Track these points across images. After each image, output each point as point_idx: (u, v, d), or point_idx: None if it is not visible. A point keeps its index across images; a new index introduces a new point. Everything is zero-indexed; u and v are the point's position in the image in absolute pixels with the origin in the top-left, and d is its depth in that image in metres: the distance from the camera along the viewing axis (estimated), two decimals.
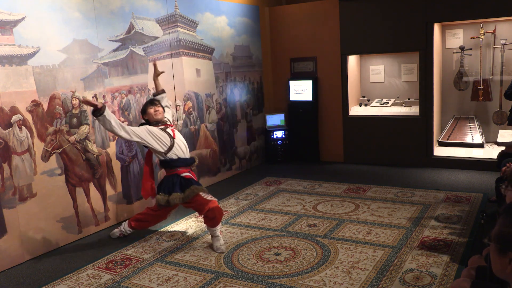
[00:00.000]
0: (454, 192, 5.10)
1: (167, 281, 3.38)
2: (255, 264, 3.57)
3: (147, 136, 3.88)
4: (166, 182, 3.96)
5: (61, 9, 4.10)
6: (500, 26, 6.31)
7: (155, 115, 4.01)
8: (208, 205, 3.88)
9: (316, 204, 4.96)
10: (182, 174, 3.94)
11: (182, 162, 3.99)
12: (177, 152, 3.97)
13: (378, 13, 6.32)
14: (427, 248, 3.66)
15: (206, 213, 3.89)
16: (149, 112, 4.02)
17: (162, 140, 3.92)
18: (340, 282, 3.21)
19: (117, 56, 4.66)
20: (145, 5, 4.97)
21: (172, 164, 3.96)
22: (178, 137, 4.06)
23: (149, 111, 4.02)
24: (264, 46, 7.11)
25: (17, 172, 3.78)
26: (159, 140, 3.91)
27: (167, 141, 3.94)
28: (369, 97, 7.15)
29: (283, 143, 7.07)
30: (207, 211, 3.87)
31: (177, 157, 3.97)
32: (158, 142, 3.91)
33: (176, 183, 3.90)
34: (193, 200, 3.91)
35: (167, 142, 3.94)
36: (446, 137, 6.55)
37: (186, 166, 4.01)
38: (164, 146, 3.92)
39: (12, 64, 3.73)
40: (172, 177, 3.94)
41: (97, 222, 4.48)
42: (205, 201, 3.90)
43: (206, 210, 3.87)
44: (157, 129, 3.97)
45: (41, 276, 3.59)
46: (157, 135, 3.91)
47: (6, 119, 3.70)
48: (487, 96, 6.49)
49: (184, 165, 3.99)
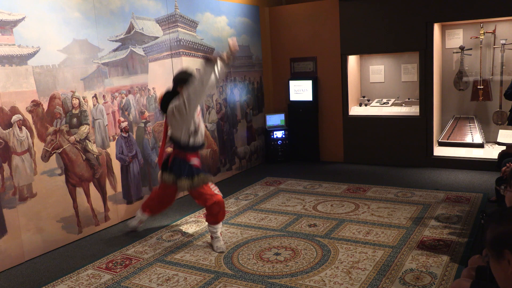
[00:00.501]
0: (454, 192, 5.10)
1: (167, 281, 3.38)
2: (255, 264, 3.57)
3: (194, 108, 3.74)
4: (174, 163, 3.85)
5: (61, 9, 4.10)
6: (500, 26, 6.31)
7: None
8: (214, 197, 3.82)
9: (316, 204, 4.96)
10: (190, 161, 3.85)
11: (193, 148, 3.88)
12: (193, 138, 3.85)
13: (378, 13, 6.32)
14: (427, 248, 3.66)
15: (211, 205, 3.81)
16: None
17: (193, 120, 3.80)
18: (340, 282, 3.21)
19: (117, 56, 4.66)
20: (145, 5, 4.97)
21: (184, 147, 3.83)
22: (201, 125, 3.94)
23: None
24: (264, 46, 7.11)
25: (17, 172, 3.78)
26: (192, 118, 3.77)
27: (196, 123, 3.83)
28: (369, 97, 7.16)
29: (283, 143, 7.07)
30: (213, 204, 3.81)
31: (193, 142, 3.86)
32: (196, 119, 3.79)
33: (184, 169, 3.80)
34: (200, 189, 3.82)
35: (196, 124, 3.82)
36: (446, 137, 6.55)
37: (195, 152, 3.92)
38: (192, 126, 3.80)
39: (12, 64, 3.73)
40: (180, 161, 3.83)
41: (97, 222, 4.48)
42: (212, 192, 3.84)
43: (212, 202, 3.80)
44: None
45: (41, 276, 3.59)
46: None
47: (6, 119, 3.70)
48: (487, 96, 6.49)
49: (194, 151, 3.90)
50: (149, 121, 5.05)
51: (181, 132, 3.80)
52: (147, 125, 5.02)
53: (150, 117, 5.06)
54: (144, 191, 5.00)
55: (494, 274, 1.51)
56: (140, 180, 4.95)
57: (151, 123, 5.07)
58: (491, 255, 1.50)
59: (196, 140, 3.87)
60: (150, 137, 5.06)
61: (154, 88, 5.08)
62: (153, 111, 5.10)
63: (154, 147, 5.11)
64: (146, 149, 5.02)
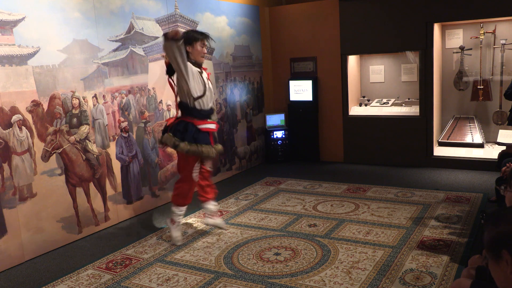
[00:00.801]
0: (454, 192, 5.10)
1: (167, 281, 3.38)
2: (255, 264, 3.57)
3: (191, 74, 3.59)
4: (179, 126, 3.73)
5: (61, 9, 4.10)
6: (500, 26, 6.31)
7: (201, 55, 3.64)
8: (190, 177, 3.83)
9: (316, 204, 4.96)
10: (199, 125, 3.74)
11: (202, 114, 3.75)
12: (202, 104, 3.71)
13: (378, 13, 6.32)
14: (427, 248, 3.66)
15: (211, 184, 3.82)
16: (196, 48, 3.63)
17: (199, 85, 3.67)
18: (340, 282, 3.21)
19: (117, 56, 4.66)
20: (145, 5, 4.97)
21: (192, 112, 3.72)
22: (209, 87, 3.77)
23: (197, 48, 3.63)
24: (264, 46, 7.11)
25: (17, 172, 3.78)
26: (196, 83, 3.64)
27: (200, 88, 3.69)
28: (369, 97, 7.16)
29: (283, 143, 7.07)
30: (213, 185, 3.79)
31: (200, 108, 3.71)
32: (196, 84, 3.64)
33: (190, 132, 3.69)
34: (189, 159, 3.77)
35: (200, 89, 3.69)
36: (446, 137, 6.55)
37: (204, 118, 3.79)
38: (197, 92, 3.67)
39: (12, 64, 3.73)
40: (187, 124, 3.72)
41: (97, 222, 4.48)
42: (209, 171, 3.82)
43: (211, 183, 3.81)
44: (196, 71, 3.66)
45: (41, 276, 3.59)
46: (196, 78, 3.64)
47: (6, 119, 3.70)
48: (487, 96, 6.49)
49: (202, 117, 3.78)
50: (149, 121, 5.05)
51: (187, 93, 3.67)
52: (147, 125, 5.02)
53: (150, 117, 5.06)
54: (144, 191, 5.00)
55: (494, 276, 1.51)
56: (140, 180, 4.95)
57: (151, 123, 5.07)
58: (489, 257, 1.50)
59: (203, 104, 3.70)
60: (150, 137, 5.06)
61: (154, 88, 5.08)
62: (153, 111, 5.10)
63: (154, 147, 5.11)
64: (146, 149, 5.02)
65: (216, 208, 4.40)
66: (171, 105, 5.30)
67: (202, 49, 3.72)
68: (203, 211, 4.41)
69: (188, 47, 3.67)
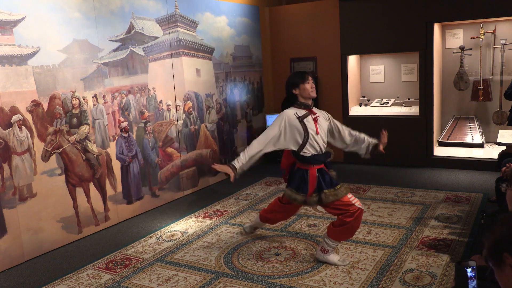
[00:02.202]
0: (454, 192, 5.10)
1: (167, 281, 3.38)
2: (255, 264, 3.57)
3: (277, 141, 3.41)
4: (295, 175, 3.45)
5: (61, 9, 4.10)
6: (500, 26, 6.31)
7: (312, 92, 3.39)
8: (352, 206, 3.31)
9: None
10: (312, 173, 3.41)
11: (316, 160, 3.41)
12: (311, 149, 3.39)
13: (378, 13, 6.32)
14: (427, 248, 3.66)
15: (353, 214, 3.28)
16: (305, 87, 3.39)
17: (295, 137, 3.40)
18: (340, 282, 3.21)
19: (117, 56, 4.66)
20: (145, 5, 4.97)
21: (304, 160, 3.40)
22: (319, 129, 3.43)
23: (305, 87, 3.38)
24: (264, 46, 7.11)
25: (17, 172, 3.78)
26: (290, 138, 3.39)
27: (299, 137, 3.38)
28: (369, 97, 7.15)
29: None
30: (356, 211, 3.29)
31: (311, 154, 3.39)
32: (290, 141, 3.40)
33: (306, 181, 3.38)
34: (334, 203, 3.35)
35: (299, 138, 3.38)
36: (446, 137, 6.55)
37: (319, 163, 3.44)
38: (295, 144, 3.40)
39: (12, 64, 3.73)
40: (303, 172, 3.41)
41: (97, 222, 4.48)
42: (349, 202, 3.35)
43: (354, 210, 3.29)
44: (294, 119, 3.40)
45: (41, 276, 3.59)
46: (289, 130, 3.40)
47: (6, 119, 3.70)
48: (487, 96, 6.49)
49: (318, 163, 3.43)
50: (149, 121, 5.05)
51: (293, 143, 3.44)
52: (147, 125, 5.02)
53: (150, 117, 5.06)
54: (144, 191, 5.00)
55: (500, 283, 1.51)
56: (140, 180, 4.95)
57: (151, 123, 5.07)
58: (493, 265, 1.51)
59: (312, 150, 3.40)
60: (150, 137, 5.06)
61: (154, 88, 5.08)
62: (153, 111, 5.10)
63: (154, 147, 5.11)
64: (146, 149, 5.02)
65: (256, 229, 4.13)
66: (171, 105, 5.30)
67: (311, 86, 3.47)
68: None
69: (292, 90, 3.51)
